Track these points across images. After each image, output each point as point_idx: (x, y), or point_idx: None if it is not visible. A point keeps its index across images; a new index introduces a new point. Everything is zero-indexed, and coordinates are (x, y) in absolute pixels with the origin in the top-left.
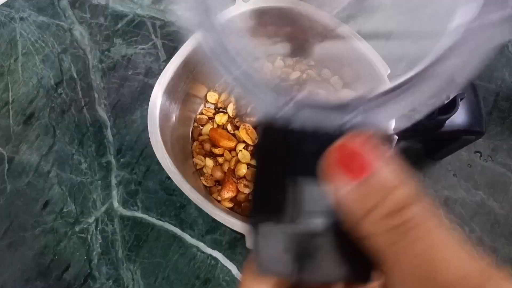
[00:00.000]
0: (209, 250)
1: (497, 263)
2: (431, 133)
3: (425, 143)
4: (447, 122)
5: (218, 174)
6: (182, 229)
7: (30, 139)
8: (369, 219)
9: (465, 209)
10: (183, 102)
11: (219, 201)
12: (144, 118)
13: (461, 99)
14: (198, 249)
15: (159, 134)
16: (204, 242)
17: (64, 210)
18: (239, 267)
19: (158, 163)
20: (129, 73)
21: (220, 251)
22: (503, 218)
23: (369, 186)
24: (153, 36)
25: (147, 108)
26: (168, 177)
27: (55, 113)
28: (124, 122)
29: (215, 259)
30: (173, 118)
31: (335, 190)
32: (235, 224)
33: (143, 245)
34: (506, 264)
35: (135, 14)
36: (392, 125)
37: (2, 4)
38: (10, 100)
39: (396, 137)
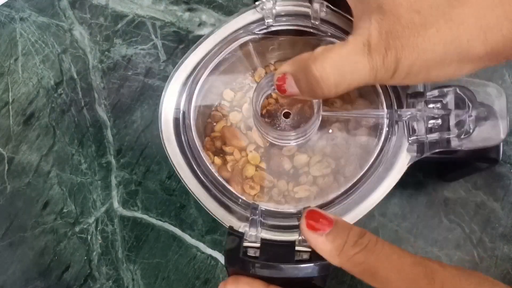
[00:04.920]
0: (209, 251)
1: (497, 263)
2: (443, 156)
3: (437, 165)
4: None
5: (225, 174)
6: (182, 230)
7: (30, 139)
8: (344, 251)
9: (465, 209)
10: (202, 98)
11: None
12: (144, 118)
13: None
14: (198, 249)
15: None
16: (204, 242)
17: (64, 210)
18: None
19: (158, 163)
20: (129, 73)
21: (220, 251)
22: (503, 218)
23: (335, 232)
24: (153, 37)
25: (147, 108)
26: (169, 177)
27: (55, 113)
28: (124, 122)
29: (215, 259)
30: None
31: (314, 244)
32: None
33: (143, 246)
34: (506, 264)
35: (135, 14)
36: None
37: (2, 4)
38: (10, 100)
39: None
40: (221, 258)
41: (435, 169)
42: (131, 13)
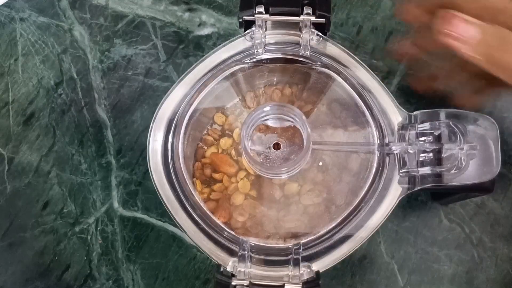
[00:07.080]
0: None
1: (497, 263)
2: (436, 186)
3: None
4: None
5: (212, 203)
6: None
7: (30, 139)
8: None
9: (465, 209)
10: (192, 124)
11: None
12: (144, 118)
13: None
14: (198, 249)
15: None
16: None
17: (64, 210)
18: None
19: None
20: (129, 73)
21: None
22: (503, 218)
23: None
24: (153, 37)
25: (147, 109)
26: None
27: (55, 114)
28: (124, 122)
29: None
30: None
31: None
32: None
33: (143, 246)
34: (506, 264)
35: (135, 14)
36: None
37: (2, 5)
38: (10, 100)
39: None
40: None
41: (430, 192)
42: (131, 13)
